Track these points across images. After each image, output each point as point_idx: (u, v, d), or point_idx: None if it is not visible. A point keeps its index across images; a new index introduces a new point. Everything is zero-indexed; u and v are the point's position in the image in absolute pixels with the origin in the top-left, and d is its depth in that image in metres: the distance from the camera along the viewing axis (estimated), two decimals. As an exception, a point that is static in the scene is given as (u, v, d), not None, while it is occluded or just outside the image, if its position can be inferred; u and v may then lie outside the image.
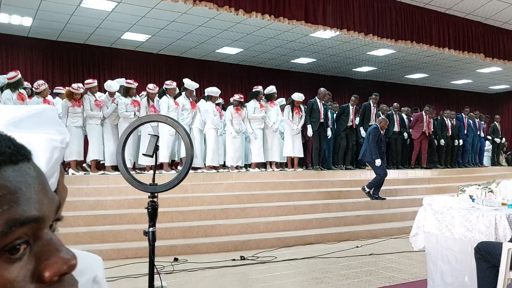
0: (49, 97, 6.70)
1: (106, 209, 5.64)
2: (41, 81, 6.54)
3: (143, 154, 2.31)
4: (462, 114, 10.73)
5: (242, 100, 7.58)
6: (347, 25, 6.78)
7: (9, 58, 9.75)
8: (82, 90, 6.56)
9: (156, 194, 2.10)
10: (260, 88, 7.77)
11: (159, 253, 4.90)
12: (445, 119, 10.06)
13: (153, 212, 2.09)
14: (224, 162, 7.63)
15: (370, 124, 8.82)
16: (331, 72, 13.63)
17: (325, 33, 8.64)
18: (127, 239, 5.06)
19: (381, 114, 9.05)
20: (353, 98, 8.76)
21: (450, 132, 10.00)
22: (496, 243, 2.51)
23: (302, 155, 7.95)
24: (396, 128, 9.33)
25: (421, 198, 3.60)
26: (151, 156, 2.08)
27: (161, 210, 5.39)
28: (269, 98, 7.94)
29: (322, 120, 7.87)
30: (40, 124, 0.67)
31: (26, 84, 7.00)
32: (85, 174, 6.61)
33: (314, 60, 11.93)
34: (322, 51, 11.01)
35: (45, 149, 0.65)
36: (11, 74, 6.14)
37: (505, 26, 8.85)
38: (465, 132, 10.49)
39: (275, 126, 7.77)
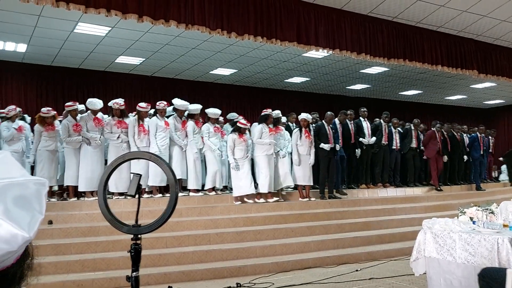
0: (21, 122, 6.52)
1: (99, 236, 5.50)
2: (12, 106, 6.40)
3: (125, 194, 2.21)
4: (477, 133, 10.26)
5: (247, 126, 7.08)
6: (339, 45, 6.79)
7: (3, 84, 9.71)
8: (52, 113, 6.46)
9: (139, 236, 1.97)
10: (269, 111, 7.20)
11: (153, 282, 4.76)
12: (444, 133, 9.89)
13: (136, 256, 1.94)
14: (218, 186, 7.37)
15: (383, 142, 8.68)
16: (325, 90, 13.68)
17: (318, 53, 8.66)
18: (120, 267, 4.90)
19: (393, 129, 8.95)
20: (348, 112, 8.63)
21: (449, 148, 9.79)
22: (500, 269, 2.41)
23: (312, 183, 7.42)
24: (413, 144, 9.23)
25: (421, 217, 3.51)
26: (133, 197, 1.96)
27: (155, 236, 5.32)
28: (275, 123, 7.33)
29: (332, 145, 7.47)
30: None
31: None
32: (61, 200, 6.47)
33: (308, 79, 11.97)
34: (316, 70, 11.06)
35: None
36: None
37: (497, 42, 8.92)
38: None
39: (283, 153, 7.28)
